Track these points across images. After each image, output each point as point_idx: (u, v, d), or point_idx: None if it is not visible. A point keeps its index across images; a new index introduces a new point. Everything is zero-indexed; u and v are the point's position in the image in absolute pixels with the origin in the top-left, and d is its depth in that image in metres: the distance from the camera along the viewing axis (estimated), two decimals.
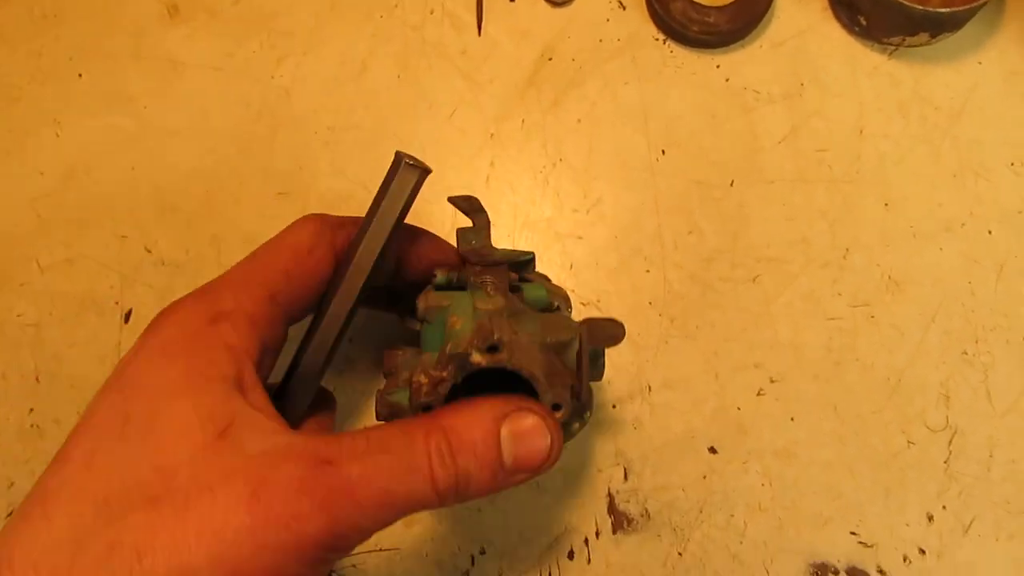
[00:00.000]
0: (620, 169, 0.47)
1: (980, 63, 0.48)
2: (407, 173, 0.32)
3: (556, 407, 0.29)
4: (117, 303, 0.45)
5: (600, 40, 0.48)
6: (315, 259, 0.32)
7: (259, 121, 0.47)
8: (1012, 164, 0.46)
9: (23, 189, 0.46)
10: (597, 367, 0.34)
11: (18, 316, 0.45)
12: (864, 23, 0.47)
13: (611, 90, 0.48)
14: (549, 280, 0.38)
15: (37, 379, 0.44)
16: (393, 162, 0.32)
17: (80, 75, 0.48)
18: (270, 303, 0.30)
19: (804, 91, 0.47)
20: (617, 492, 0.42)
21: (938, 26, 0.46)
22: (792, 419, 0.43)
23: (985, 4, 0.45)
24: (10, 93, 0.47)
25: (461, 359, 0.29)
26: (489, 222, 0.36)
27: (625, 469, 0.42)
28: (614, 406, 0.43)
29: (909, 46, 0.48)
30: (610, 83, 0.48)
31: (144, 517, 0.23)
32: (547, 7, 0.49)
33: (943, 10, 0.45)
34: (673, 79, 0.48)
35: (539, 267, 0.44)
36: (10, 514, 0.43)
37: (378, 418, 0.31)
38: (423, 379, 0.29)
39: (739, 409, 0.43)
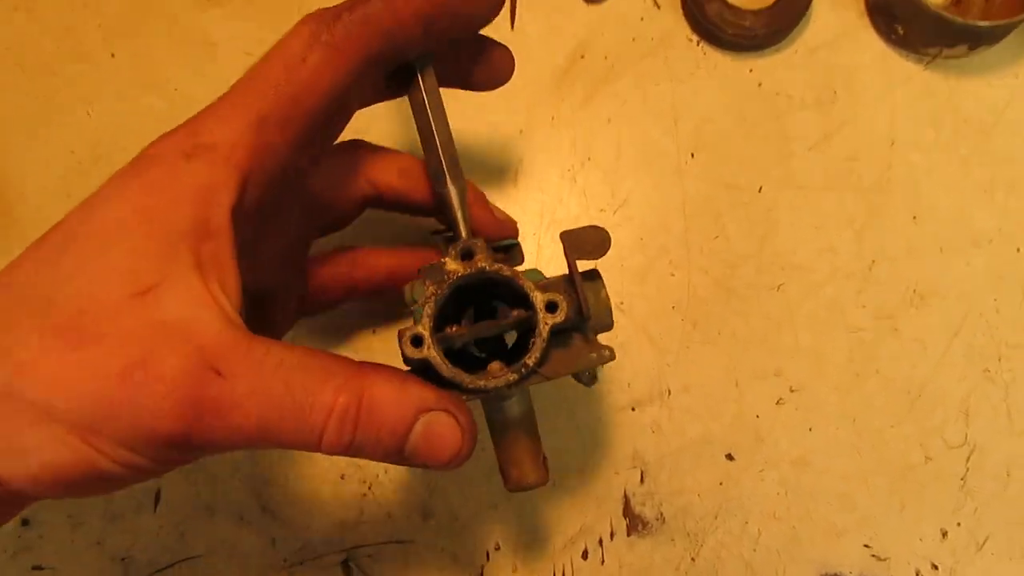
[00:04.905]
0: (648, 170, 0.46)
1: (1017, 77, 0.47)
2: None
3: (551, 306, 0.28)
4: None
5: (633, 39, 0.48)
6: (311, 67, 0.28)
7: None
8: None
9: (53, 166, 0.46)
10: (601, 299, 0.32)
11: None
12: (901, 32, 0.47)
13: (642, 90, 0.47)
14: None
15: None
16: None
17: (113, 55, 0.48)
18: (258, 129, 0.27)
19: (837, 98, 0.47)
20: (633, 494, 0.42)
21: (977, 39, 0.46)
22: (810, 429, 0.43)
23: None
24: (43, 70, 0.47)
25: (435, 271, 0.29)
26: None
27: (642, 472, 0.42)
28: (633, 408, 0.43)
29: (946, 57, 0.47)
30: (642, 83, 0.47)
31: (39, 338, 0.23)
32: (581, 3, 0.49)
33: (983, 23, 0.44)
34: (705, 81, 0.48)
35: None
36: None
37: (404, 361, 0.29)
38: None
39: (758, 417, 0.43)
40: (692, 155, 0.46)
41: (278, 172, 0.28)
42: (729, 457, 0.43)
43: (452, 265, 0.29)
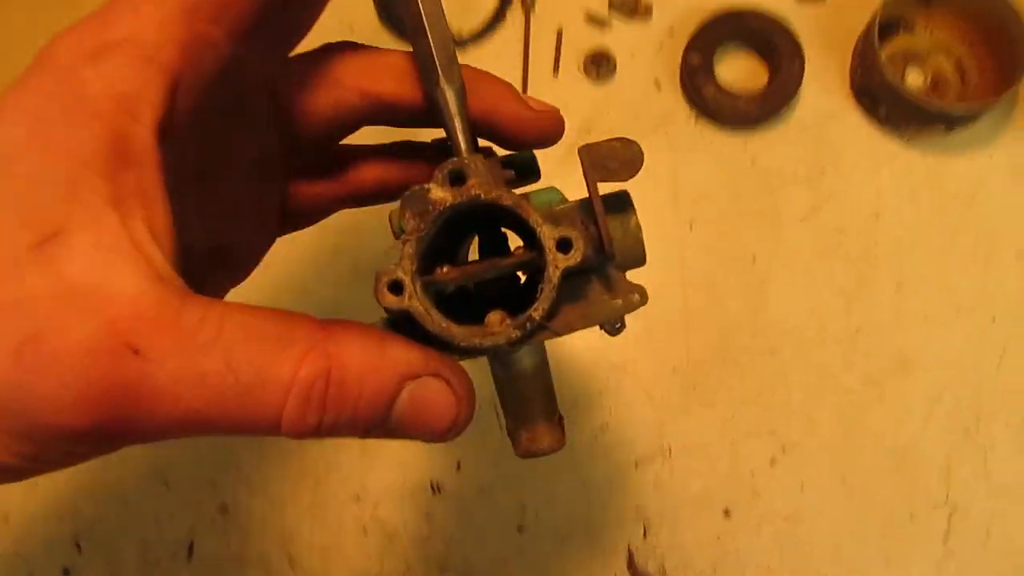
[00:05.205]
0: (649, 240, 0.49)
1: (991, 156, 0.51)
2: None
3: (563, 245, 0.23)
4: None
5: (636, 117, 0.52)
6: None
7: None
8: (1018, 254, 0.49)
9: None
10: (629, 231, 0.26)
11: None
12: (884, 113, 0.50)
13: (644, 165, 0.51)
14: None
15: None
16: None
17: None
18: (188, 17, 0.21)
19: (825, 174, 0.51)
20: (637, 548, 0.45)
21: (953, 121, 0.49)
22: (802, 487, 0.46)
23: (998, 102, 0.48)
24: None
25: (417, 199, 0.23)
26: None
27: (644, 527, 0.45)
28: (636, 466, 0.46)
29: (926, 137, 0.51)
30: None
31: None
32: (588, 83, 0.52)
33: (957, 107, 0.48)
34: (703, 156, 0.51)
35: None
36: None
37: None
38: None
39: (753, 475, 0.46)
40: (690, 226, 0.50)
41: (219, 75, 0.22)
42: (726, 513, 0.45)
43: (438, 192, 0.23)
